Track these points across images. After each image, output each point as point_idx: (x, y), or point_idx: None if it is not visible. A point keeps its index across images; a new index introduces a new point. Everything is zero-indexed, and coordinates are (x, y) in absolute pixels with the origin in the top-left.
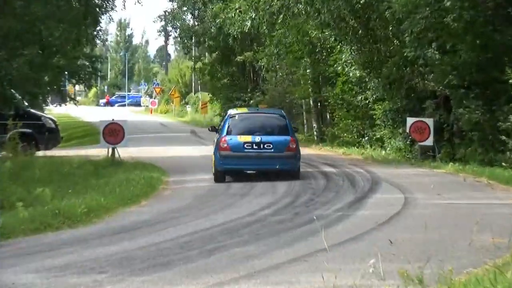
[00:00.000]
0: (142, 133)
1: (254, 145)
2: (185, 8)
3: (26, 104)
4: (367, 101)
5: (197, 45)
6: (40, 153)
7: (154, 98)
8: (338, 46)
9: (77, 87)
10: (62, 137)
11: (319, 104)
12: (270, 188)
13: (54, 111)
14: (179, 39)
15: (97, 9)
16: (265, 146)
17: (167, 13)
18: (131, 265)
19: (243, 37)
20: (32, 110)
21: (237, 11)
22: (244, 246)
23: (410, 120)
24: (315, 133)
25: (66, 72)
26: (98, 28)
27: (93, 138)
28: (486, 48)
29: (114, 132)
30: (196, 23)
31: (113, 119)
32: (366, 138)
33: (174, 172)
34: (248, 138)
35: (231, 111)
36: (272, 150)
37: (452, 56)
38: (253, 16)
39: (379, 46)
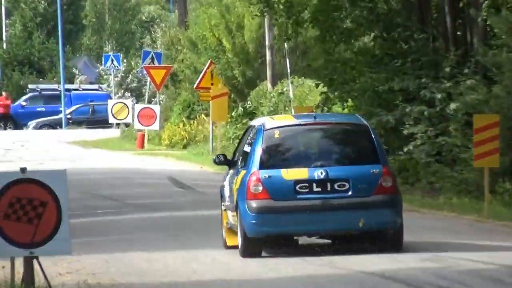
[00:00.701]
0: (116, 210)
1: (314, 185)
2: None
3: None
4: None
5: None
6: None
7: (149, 102)
8: None
9: None
10: None
11: None
12: None
13: None
14: None
15: None
16: (336, 186)
17: None
18: None
19: None
20: None
21: None
22: None
23: None
24: None
25: None
26: None
27: None
28: None
29: (28, 210)
30: None
31: (22, 170)
32: None
33: None
34: (303, 172)
35: (265, 122)
36: (350, 192)
37: None
38: None
39: None
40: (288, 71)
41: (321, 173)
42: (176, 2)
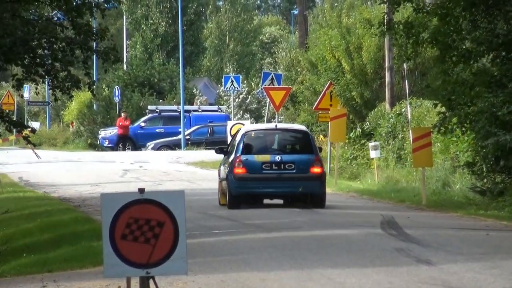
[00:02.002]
0: (232, 230)
1: (273, 165)
2: None
3: None
4: None
5: None
6: None
7: (269, 123)
8: None
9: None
10: None
11: None
12: None
13: None
14: None
15: None
16: (286, 166)
17: None
18: None
19: None
20: None
21: None
22: None
23: None
24: None
25: None
26: None
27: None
28: None
29: (145, 231)
30: None
31: (141, 190)
32: None
33: None
34: (267, 157)
35: (246, 127)
36: (294, 170)
37: None
38: None
39: None
40: (407, 92)
41: (278, 158)
42: (297, 24)
